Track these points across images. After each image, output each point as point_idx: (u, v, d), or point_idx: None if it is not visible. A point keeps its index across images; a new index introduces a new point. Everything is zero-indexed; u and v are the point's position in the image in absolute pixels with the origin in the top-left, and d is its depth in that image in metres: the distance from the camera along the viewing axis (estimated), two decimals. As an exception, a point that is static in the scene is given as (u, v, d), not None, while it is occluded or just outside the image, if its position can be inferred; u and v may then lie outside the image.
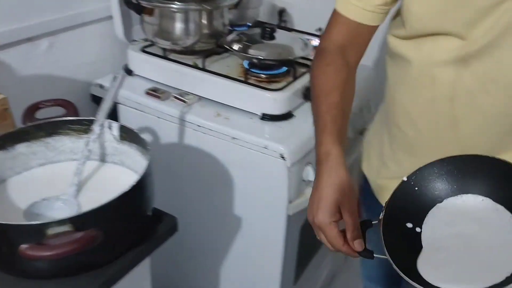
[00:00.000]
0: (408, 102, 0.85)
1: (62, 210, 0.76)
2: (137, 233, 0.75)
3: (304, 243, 1.32)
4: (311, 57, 1.33)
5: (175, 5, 1.19)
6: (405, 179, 0.69)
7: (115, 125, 0.83)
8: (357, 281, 1.41)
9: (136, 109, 1.24)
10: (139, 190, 0.71)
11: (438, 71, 0.77)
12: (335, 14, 0.85)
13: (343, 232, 0.68)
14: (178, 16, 1.21)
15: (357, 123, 1.38)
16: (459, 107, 0.77)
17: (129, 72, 1.31)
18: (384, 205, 0.68)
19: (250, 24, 1.50)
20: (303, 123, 1.17)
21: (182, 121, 1.18)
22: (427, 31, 0.76)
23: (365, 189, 1.08)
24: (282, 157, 1.08)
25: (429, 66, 0.78)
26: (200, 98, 1.23)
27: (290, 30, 1.46)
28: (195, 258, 1.39)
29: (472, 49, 0.72)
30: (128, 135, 0.82)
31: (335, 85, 0.80)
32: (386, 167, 0.94)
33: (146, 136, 1.23)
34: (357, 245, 0.67)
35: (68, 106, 0.93)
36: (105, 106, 0.83)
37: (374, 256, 0.66)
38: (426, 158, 0.71)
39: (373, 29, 0.85)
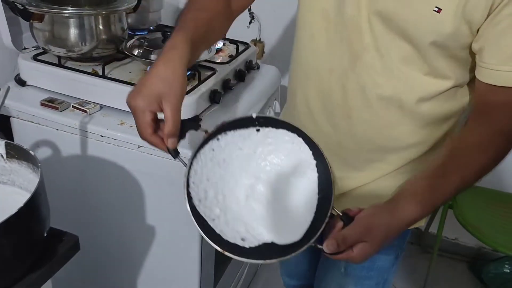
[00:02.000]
0: (307, 93, 0.88)
1: None
2: (32, 257, 0.70)
3: (222, 246, 1.32)
4: (216, 60, 1.33)
5: (67, 10, 1.13)
6: (254, 116, 0.71)
7: (0, 143, 0.76)
8: (277, 278, 1.44)
9: (31, 122, 1.16)
10: (30, 212, 0.66)
11: (334, 62, 0.81)
12: None
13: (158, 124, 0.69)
14: (72, 21, 1.14)
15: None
16: (352, 99, 0.82)
17: (21, 82, 1.22)
18: (222, 123, 0.71)
19: (152, 28, 1.47)
20: (211, 127, 1.16)
21: (83, 132, 1.13)
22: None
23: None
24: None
25: (327, 56, 0.82)
26: (102, 106, 1.17)
27: (193, 33, 1.44)
28: (110, 273, 1.33)
29: (362, 39, 0.77)
30: (16, 152, 0.76)
31: (208, 8, 0.79)
32: None
33: (44, 151, 1.16)
34: (171, 143, 0.68)
35: None
36: (-12, 123, 0.76)
37: (178, 157, 0.70)
38: (326, 151, 0.74)
39: None
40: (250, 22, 1.85)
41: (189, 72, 1.21)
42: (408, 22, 0.72)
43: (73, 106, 1.15)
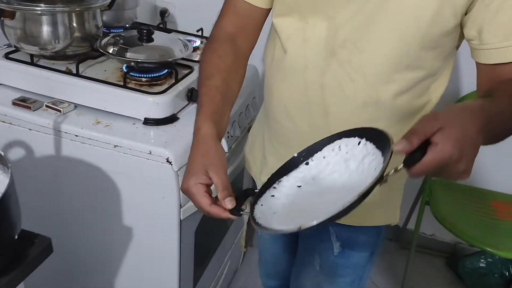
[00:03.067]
0: (283, 92, 0.88)
1: None
2: (3, 260, 0.68)
3: (200, 246, 1.32)
4: (193, 58, 1.32)
5: (40, 7, 1.10)
6: (296, 155, 0.72)
7: (-32, 143, 0.74)
8: (256, 278, 1.44)
9: (3, 122, 1.13)
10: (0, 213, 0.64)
11: (309, 59, 0.81)
12: (226, 0, 0.88)
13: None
14: (44, 19, 1.12)
15: (244, 121, 1.40)
16: (329, 96, 0.82)
17: (-8, 81, 1.19)
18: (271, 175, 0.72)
19: (128, 26, 1.44)
20: (189, 125, 1.14)
21: (57, 131, 1.10)
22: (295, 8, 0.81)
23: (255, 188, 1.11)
24: (168, 162, 1.06)
25: (302, 54, 0.82)
26: (77, 105, 1.15)
27: (169, 31, 1.43)
28: (85, 276, 1.30)
29: (338, 36, 0.77)
30: (-15, 153, 0.74)
31: (217, 70, 0.83)
32: (267, 163, 0.97)
33: (16, 151, 1.13)
34: (228, 203, 0.69)
35: None
36: (-45, 122, 0.74)
37: (241, 214, 0.70)
38: (302, 148, 0.74)
39: (263, 13, 0.88)
40: (228, 21, 1.84)
41: (166, 70, 1.20)
42: (392, 12, 0.72)
43: (46, 105, 1.13)
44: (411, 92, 0.79)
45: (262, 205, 0.70)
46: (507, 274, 1.87)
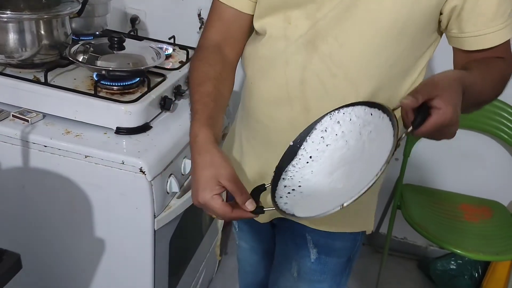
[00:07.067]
0: (263, 89, 0.88)
1: None
2: (-32, 279, 0.65)
3: (175, 255, 1.30)
4: (166, 66, 1.31)
5: (6, 15, 1.07)
6: (291, 143, 0.75)
7: None
8: (232, 284, 1.43)
9: (-33, 133, 1.09)
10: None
11: (290, 54, 0.82)
12: (214, 6, 0.88)
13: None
14: (11, 26, 1.09)
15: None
16: (310, 91, 0.82)
17: (-45, 91, 1.14)
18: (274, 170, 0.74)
19: (98, 33, 1.42)
20: (162, 134, 1.14)
21: (25, 142, 1.07)
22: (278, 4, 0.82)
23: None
24: (142, 171, 1.04)
25: (282, 49, 0.82)
26: (45, 115, 1.12)
27: (141, 38, 1.41)
28: (56, 290, 1.27)
29: (320, 30, 0.78)
30: None
31: (208, 77, 0.83)
32: (245, 163, 0.97)
33: (-18, 163, 1.09)
34: (249, 205, 0.70)
35: None
36: None
37: (264, 210, 0.71)
38: (283, 147, 0.75)
39: (249, 19, 0.88)
40: (200, 28, 1.84)
41: (138, 78, 1.18)
42: (369, 3, 0.74)
43: (13, 115, 1.10)
44: (389, 89, 0.81)
45: (281, 197, 0.71)
46: (476, 276, 1.92)
